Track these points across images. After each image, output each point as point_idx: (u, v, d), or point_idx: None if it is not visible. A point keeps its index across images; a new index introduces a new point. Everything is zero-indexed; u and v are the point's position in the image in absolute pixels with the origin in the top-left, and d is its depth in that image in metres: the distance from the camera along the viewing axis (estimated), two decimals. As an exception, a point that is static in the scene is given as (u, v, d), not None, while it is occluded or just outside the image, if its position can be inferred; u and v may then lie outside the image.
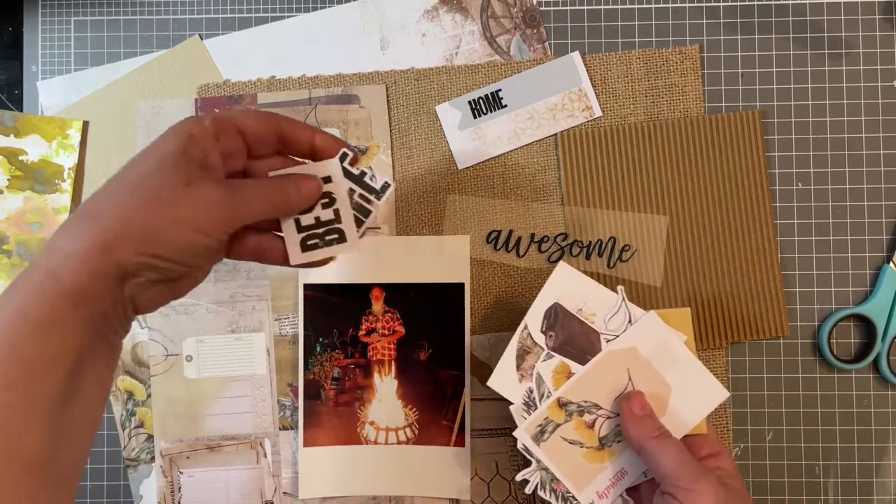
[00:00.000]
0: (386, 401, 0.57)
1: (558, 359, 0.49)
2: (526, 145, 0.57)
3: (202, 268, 0.39)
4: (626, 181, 0.57)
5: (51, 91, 0.59)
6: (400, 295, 0.57)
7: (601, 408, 0.49)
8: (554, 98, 0.57)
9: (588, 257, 0.57)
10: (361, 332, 0.57)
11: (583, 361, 0.49)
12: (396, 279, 0.57)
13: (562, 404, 0.49)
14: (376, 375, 0.57)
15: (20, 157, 0.58)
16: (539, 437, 0.49)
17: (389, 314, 0.57)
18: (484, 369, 0.56)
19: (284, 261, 0.42)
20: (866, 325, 0.57)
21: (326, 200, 0.42)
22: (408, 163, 0.58)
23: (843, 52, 0.58)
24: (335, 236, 0.43)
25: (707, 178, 0.57)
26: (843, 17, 0.58)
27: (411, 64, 0.58)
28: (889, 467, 0.57)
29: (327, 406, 0.57)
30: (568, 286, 0.50)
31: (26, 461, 0.32)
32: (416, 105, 0.58)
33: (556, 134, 0.57)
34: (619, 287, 0.49)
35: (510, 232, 0.57)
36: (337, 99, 0.58)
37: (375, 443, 0.57)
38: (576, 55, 0.57)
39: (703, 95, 0.58)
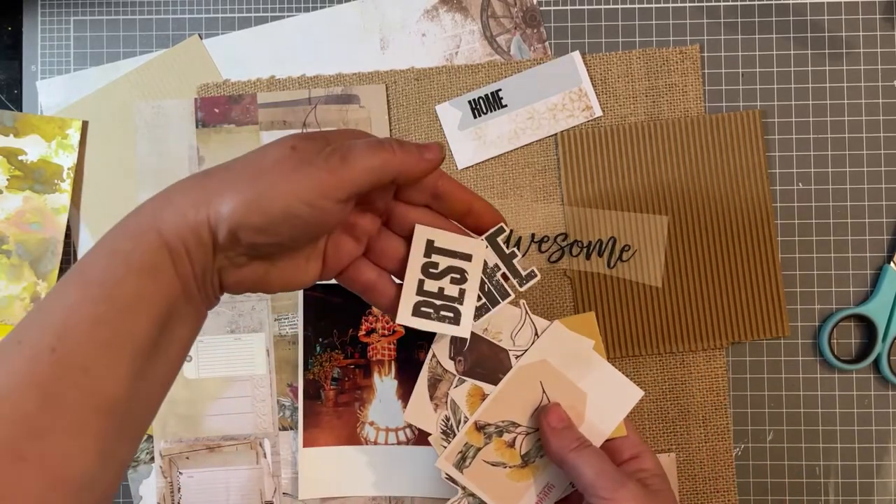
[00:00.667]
0: (386, 401, 0.57)
1: (470, 382, 0.48)
2: (526, 145, 0.57)
3: (298, 259, 0.37)
4: (626, 181, 0.57)
5: (50, 91, 0.59)
6: (400, 295, 0.57)
7: (519, 425, 0.48)
8: (554, 98, 0.56)
9: (588, 257, 0.57)
10: (361, 333, 0.57)
11: (495, 381, 0.48)
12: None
13: (479, 427, 0.48)
14: (376, 375, 0.57)
15: (20, 157, 0.58)
16: (461, 463, 0.48)
17: (389, 314, 0.57)
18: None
19: (389, 309, 0.41)
20: (867, 325, 0.57)
21: (458, 276, 0.42)
22: (408, 163, 0.58)
23: (843, 52, 0.58)
24: (450, 315, 0.42)
25: (707, 178, 0.57)
26: (843, 17, 0.58)
27: (411, 64, 0.58)
28: (890, 468, 0.56)
29: (327, 406, 0.57)
30: None
31: (103, 400, 0.32)
32: (416, 105, 0.58)
33: (556, 134, 0.57)
34: (521, 301, 0.49)
35: (510, 232, 0.57)
36: (337, 99, 0.58)
37: (375, 443, 0.57)
38: (576, 55, 0.57)
39: (704, 95, 0.57)
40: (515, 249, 0.43)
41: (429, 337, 0.57)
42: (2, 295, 0.57)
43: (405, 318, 0.41)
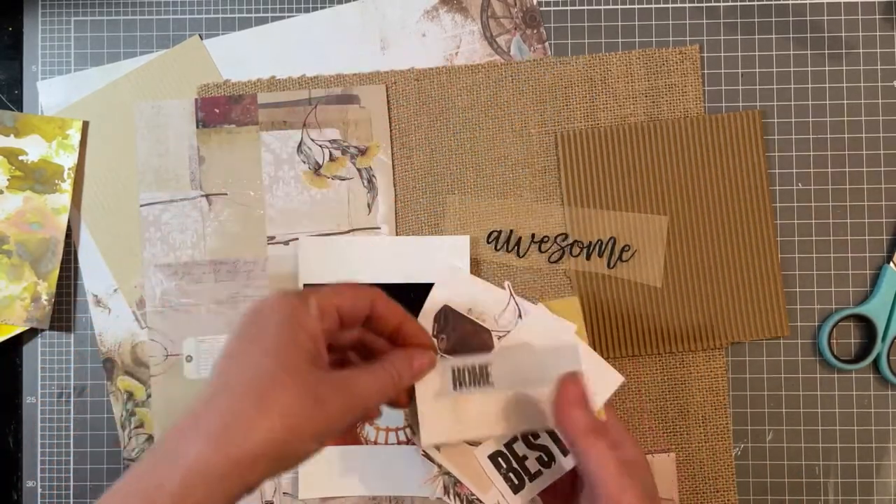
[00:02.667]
0: (386, 401, 0.57)
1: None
2: (526, 145, 0.57)
3: None
4: (626, 181, 0.57)
5: (51, 91, 0.59)
6: (400, 295, 0.57)
7: None
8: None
9: (588, 257, 0.57)
10: (361, 333, 0.57)
11: None
12: (396, 279, 0.57)
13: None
14: (376, 375, 0.57)
15: (20, 157, 0.58)
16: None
17: (389, 314, 0.57)
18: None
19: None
20: (866, 325, 0.57)
21: (545, 459, 0.49)
22: (408, 163, 0.58)
23: (843, 52, 0.58)
24: (514, 481, 0.48)
25: (707, 178, 0.57)
26: (843, 17, 0.58)
27: (411, 64, 0.58)
28: (889, 467, 0.57)
29: (327, 406, 0.57)
30: (456, 288, 0.49)
31: None
32: (416, 105, 0.58)
33: (556, 134, 0.57)
34: (507, 283, 0.49)
35: (510, 232, 0.57)
36: (337, 99, 0.58)
37: (375, 443, 0.57)
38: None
39: (703, 95, 0.58)
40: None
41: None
42: (2, 295, 0.57)
43: (484, 453, 0.48)
